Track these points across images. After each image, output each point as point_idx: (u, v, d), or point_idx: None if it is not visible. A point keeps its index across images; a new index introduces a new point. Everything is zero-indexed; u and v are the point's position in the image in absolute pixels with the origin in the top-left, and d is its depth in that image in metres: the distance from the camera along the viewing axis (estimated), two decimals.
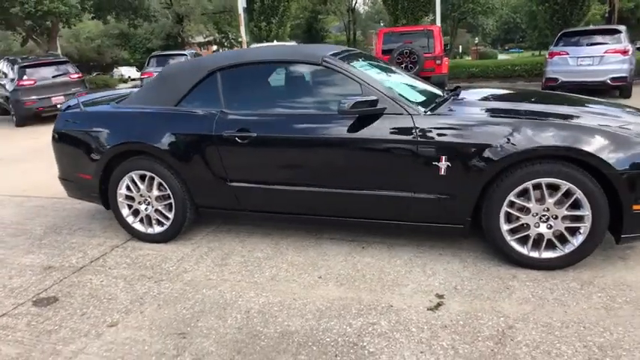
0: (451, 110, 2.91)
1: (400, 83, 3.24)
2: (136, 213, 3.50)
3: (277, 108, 3.13)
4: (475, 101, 3.13)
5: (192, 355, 2.19)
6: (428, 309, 2.46)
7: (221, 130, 3.10)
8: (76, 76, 11.73)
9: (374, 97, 2.80)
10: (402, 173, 2.83)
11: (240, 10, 16.27)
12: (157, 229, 3.46)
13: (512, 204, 2.72)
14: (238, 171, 3.16)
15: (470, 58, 37.52)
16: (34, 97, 10.72)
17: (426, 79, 10.41)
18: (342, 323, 2.37)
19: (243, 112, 3.14)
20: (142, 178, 3.38)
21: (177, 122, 3.23)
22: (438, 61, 10.68)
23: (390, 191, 2.89)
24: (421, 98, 3.05)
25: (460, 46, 42.47)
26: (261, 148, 3.07)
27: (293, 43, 13.10)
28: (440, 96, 3.32)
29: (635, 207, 2.56)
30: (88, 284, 2.94)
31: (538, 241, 2.75)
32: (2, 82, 11.53)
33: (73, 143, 3.55)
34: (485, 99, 3.32)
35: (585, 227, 2.63)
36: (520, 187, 2.67)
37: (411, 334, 2.26)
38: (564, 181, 2.59)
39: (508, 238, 2.78)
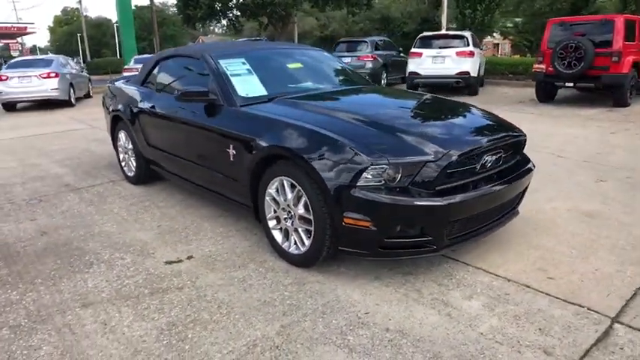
0: (254, 106, 3.22)
1: (261, 78, 3.57)
2: (124, 160, 4.90)
3: (170, 90, 3.96)
4: (287, 101, 3.27)
5: (21, 245, 3.39)
6: (166, 262, 3.05)
7: (147, 104, 4.15)
8: None
9: (204, 89, 3.37)
10: (217, 156, 3.34)
11: None
12: (131, 174, 4.78)
13: (273, 196, 2.96)
14: (151, 137, 4.17)
15: None
16: None
17: (595, 79, 8.88)
18: (108, 252, 3.20)
19: (158, 92, 4.10)
20: (125, 136, 4.72)
21: (132, 97, 4.43)
22: (614, 58, 8.78)
23: (214, 171, 3.44)
24: (258, 94, 3.39)
25: None
26: (158, 122, 4.00)
27: (466, 32, 12.51)
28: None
29: (346, 220, 2.51)
30: (64, 197, 4.48)
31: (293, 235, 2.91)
32: None
33: (105, 107, 5.16)
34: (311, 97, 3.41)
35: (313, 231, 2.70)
36: (274, 182, 2.89)
37: (125, 269, 2.94)
38: (296, 182, 2.72)
39: (271, 225, 3.02)
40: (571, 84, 9.40)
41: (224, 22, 19.05)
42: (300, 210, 2.75)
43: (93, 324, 2.38)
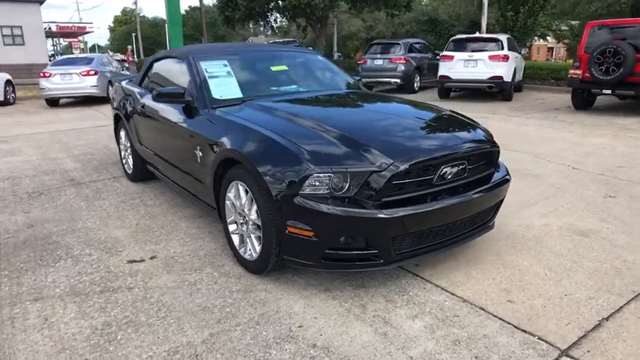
0: (225, 108, 3.19)
1: (240, 81, 3.54)
2: (125, 157, 5.02)
3: (155, 90, 4.00)
4: (255, 104, 3.21)
5: (5, 237, 3.55)
6: (128, 260, 3.08)
7: (139, 104, 4.23)
8: None
9: (180, 90, 3.39)
10: (188, 157, 3.35)
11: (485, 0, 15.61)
12: (130, 171, 4.90)
13: (232, 200, 2.92)
14: (142, 136, 4.25)
15: None
16: None
17: (635, 87, 8.34)
18: (80, 248, 3.28)
19: (149, 92, 4.16)
20: (125, 134, 4.85)
21: (129, 97, 4.53)
22: None
23: (185, 171, 3.46)
24: (232, 96, 3.36)
25: None
26: (147, 121, 4.07)
27: (501, 35, 12.02)
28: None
29: (290, 229, 2.44)
30: (63, 192, 4.64)
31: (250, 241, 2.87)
32: None
33: (111, 105, 5.32)
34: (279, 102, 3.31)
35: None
36: (232, 186, 2.86)
37: (87, 266, 3.00)
38: (248, 187, 2.67)
39: (231, 229, 2.99)
40: (609, 91, 8.82)
41: (261, 23, 19.31)
42: (253, 216, 2.71)
43: (35, 319, 2.43)
